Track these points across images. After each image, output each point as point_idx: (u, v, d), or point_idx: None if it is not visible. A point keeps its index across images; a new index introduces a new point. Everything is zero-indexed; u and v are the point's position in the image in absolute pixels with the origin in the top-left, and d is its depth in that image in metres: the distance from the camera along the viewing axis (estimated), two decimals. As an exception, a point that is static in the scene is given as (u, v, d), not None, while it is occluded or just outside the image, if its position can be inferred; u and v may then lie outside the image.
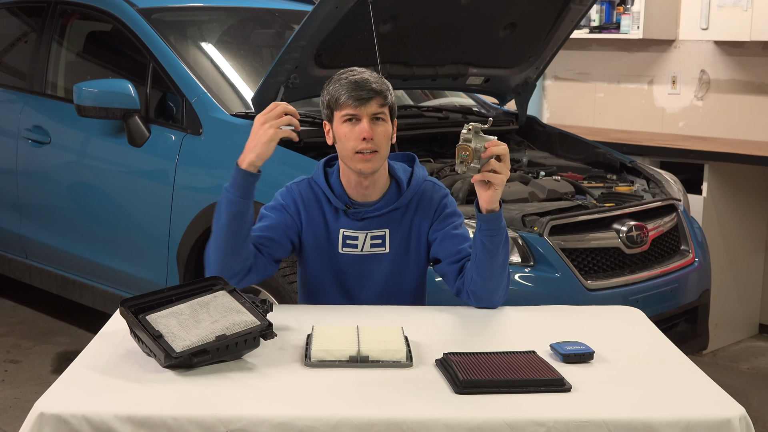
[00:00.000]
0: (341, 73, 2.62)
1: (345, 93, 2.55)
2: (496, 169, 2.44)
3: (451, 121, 4.47)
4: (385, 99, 2.58)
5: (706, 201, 4.96)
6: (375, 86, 2.56)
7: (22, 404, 4.14)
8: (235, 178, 2.52)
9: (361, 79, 2.56)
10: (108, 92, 4.14)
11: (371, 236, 2.67)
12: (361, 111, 2.55)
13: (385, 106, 2.58)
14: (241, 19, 4.84)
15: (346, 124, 2.57)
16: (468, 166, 2.43)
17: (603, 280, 3.57)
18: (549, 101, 6.60)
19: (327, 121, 2.65)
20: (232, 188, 2.52)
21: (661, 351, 2.36)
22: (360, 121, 2.56)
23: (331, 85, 2.60)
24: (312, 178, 2.73)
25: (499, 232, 2.53)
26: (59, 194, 4.67)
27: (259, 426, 1.87)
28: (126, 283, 4.33)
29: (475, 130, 2.44)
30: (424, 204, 2.71)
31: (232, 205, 2.51)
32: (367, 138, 2.54)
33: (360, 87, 2.55)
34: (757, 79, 5.61)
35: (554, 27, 4.33)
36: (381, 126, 2.57)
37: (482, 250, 2.54)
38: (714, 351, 5.07)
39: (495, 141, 2.44)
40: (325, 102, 2.62)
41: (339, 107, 2.57)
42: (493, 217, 2.51)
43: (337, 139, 2.62)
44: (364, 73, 2.60)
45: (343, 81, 2.57)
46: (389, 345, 2.19)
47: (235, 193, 2.52)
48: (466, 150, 2.42)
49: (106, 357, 2.18)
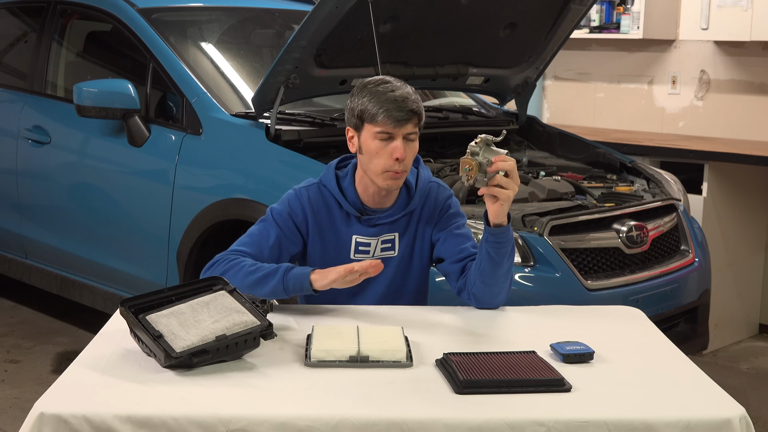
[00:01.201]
0: (378, 84, 2.54)
1: (384, 111, 2.49)
2: (503, 185, 2.40)
3: (451, 121, 4.47)
4: (420, 119, 2.55)
5: (706, 201, 4.96)
6: (414, 107, 2.51)
7: (22, 404, 4.14)
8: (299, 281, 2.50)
9: (401, 96, 2.50)
10: (108, 92, 4.14)
11: (382, 241, 2.67)
12: (397, 131, 2.51)
13: (418, 126, 2.56)
14: (241, 19, 4.84)
15: (378, 141, 2.52)
16: (472, 179, 2.39)
17: (603, 280, 3.57)
18: (549, 101, 6.60)
19: (353, 129, 2.59)
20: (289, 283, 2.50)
21: (661, 351, 2.36)
22: (393, 140, 2.52)
23: (366, 96, 2.53)
24: (322, 182, 2.69)
25: (506, 244, 2.52)
26: (59, 194, 4.67)
27: (259, 426, 1.87)
28: (126, 283, 4.33)
29: (486, 142, 2.40)
30: (429, 205, 2.71)
31: (276, 294, 2.51)
32: (400, 159, 2.51)
33: (400, 107, 2.49)
34: (757, 79, 5.61)
35: (554, 27, 4.33)
36: (411, 146, 2.55)
37: (487, 259, 2.53)
38: (714, 351, 5.07)
39: (503, 156, 2.40)
40: (356, 111, 2.55)
41: (375, 122, 2.51)
42: (500, 231, 2.49)
43: (364, 151, 2.57)
44: (401, 88, 2.53)
45: (381, 96, 2.50)
46: (389, 345, 2.19)
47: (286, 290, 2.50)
48: (470, 164, 2.39)
49: (106, 357, 2.18)
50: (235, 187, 3.82)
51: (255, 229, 2.69)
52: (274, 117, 3.77)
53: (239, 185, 3.80)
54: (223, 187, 3.85)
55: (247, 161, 3.82)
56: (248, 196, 3.71)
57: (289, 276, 2.50)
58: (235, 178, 3.85)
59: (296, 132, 3.82)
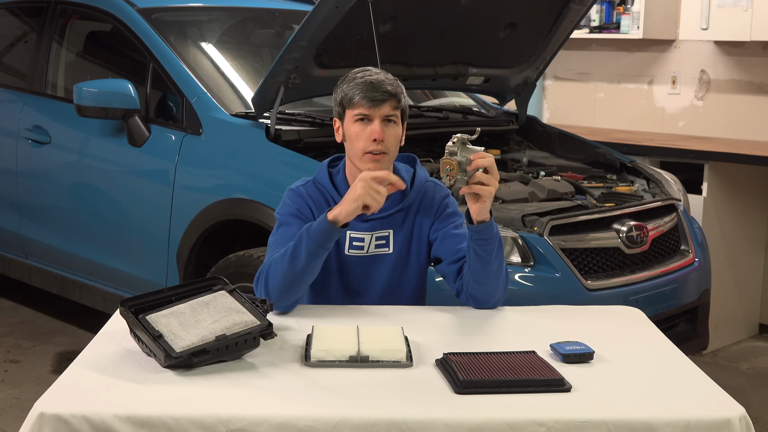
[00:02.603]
0: (356, 72, 2.61)
1: (359, 93, 2.55)
2: (484, 182, 2.43)
3: (451, 121, 4.47)
4: (399, 102, 2.58)
5: (706, 201, 4.96)
6: (390, 88, 2.56)
7: (22, 404, 4.14)
8: (321, 227, 2.48)
9: (377, 80, 2.56)
10: (108, 92, 4.14)
11: (376, 237, 2.68)
12: (374, 112, 2.55)
13: (398, 109, 2.59)
14: (241, 19, 4.84)
15: (357, 124, 2.57)
16: (453, 179, 2.42)
17: (603, 280, 3.57)
18: (549, 101, 6.60)
19: (338, 118, 2.64)
20: (313, 234, 2.48)
21: (661, 351, 2.36)
22: (372, 122, 2.56)
23: (345, 84, 2.60)
24: (315, 179, 2.71)
25: (491, 241, 2.53)
26: (59, 194, 4.67)
27: (259, 426, 1.87)
28: (126, 283, 4.33)
29: (462, 141, 2.43)
30: (425, 204, 2.72)
31: (316, 256, 2.49)
32: (378, 139, 2.54)
33: (375, 88, 2.55)
34: (757, 79, 5.61)
35: (554, 27, 4.33)
36: (392, 128, 2.58)
37: (475, 258, 2.54)
38: (714, 351, 5.07)
39: (481, 153, 2.43)
40: (337, 99, 2.62)
41: (352, 106, 2.57)
42: (483, 228, 2.51)
43: (347, 137, 2.62)
44: (380, 74, 2.60)
45: (359, 80, 2.57)
46: (389, 345, 2.19)
47: (319, 245, 2.48)
48: (450, 164, 2.41)
49: (106, 357, 2.18)
50: (235, 187, 3.82)
51: (274, 238, 2.66)
52: (274, 117, 3.77)
53: (239, 185, 3.80)
54: (223, 187, 3.85)
55: (247, 161, 3.82)
56: (248, 196, 3.71)
57: (311, 232, 2.49)
58: (235, 178, 3.85)
59: (296, 132, 3.83)
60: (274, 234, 2.66)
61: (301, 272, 2.50)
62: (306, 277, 2.53)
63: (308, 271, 2.51)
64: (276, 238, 2.64)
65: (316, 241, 2.48)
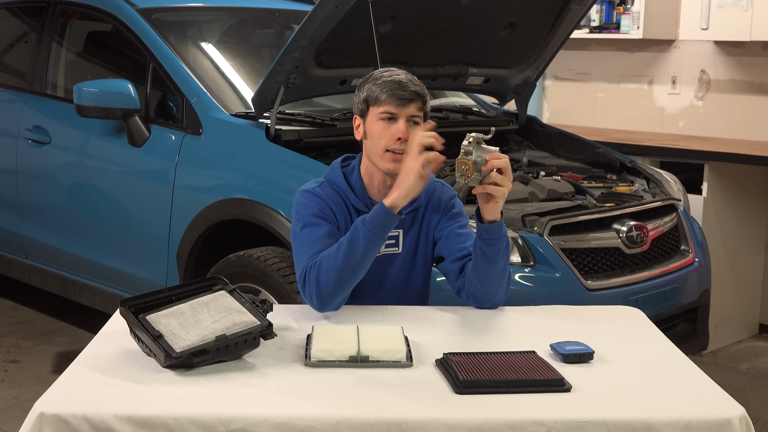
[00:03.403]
0: (383, 71, 2.62)
1: (387, 91, 2.55)
2: (498, 182, 2.43)
3: (451, 121, 4.47)
4: (424, 104, 2.60)
5: (706, 201, 4.96)
6: (417, 89, 2.57)
7: (22, 404, 4.14)
8: (379, 216, 2.47)
9: (405, 79, 2.58)
10: (108, 92, 4.14)
11: (387, 236, 2.68)
12: (400, 111, 2.56)
13: (422, 111, 2.60)
14: (241, 19, 4.84)
15: (381, 122, 2.57)
16: (468, 179, 2.43)
17: (603, 280, 3.57)
18: (549, 101, 6.60)
19: (359, 116, 2.64)
20: (370, 224, 2.46)
21: (661, 351, 2.36)
22: (396, 121, 2.56)
23: (370, 82, 2.60)
24: (329, 179, 2.70)
25: (499, 240, 2.53)
26: (59, 194, 4.67)
27: (259, 426, 1.87)
28: (126, 283, 4.33)
29: (477, 140, 2.43)
30: (433, 204, 2.73)
31: (374, 246, 2.48)
32: (402, 138, 2.54)
33: (403, 87, 2.55)
34: (757, 79, 5.61)
35: (554, 27, 4.33)
36: (416, 129, 2.56)
37: (482, 257, 2.54)
38: (714, 351, 5.07)
39: (496, 153, 2.43)
40: (362, 97, 2.61)
41: (378, 104, 2.57)
42: (494, 227, 2.51)
43: (368, 135, 2.61)
44: (406, 74, 2.61)
45: (386, 78, 2.58)
46: (389, 345, 2.19)
47: (378, 235, 2.47)
48: (466, 164, 2.41)
49: (106, 357, 2.18)
50: (235, 187, 3.81)
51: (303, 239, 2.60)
52: (274, 117, 3.77)
53: (239, 185, 3.80)
54: (223, 187, 3.85)
55: (247, 161, 3.82)
56: (248, 196, 3.71)
57: (368, 222, 2.47)
58: (235, 178, 3.85)
59: (296, 132, 3.82)
60: (300, 234, 2.61)
61: (357, 265, 2.48)
62: (361, 271, 2.51)
63: (364, 263, 2.50)
64: (306, 239, 2.59)
65: (375, 229, 2.46)
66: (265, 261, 3.53)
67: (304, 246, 2.59)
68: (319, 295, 2.50)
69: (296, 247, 2.62)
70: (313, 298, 2.51)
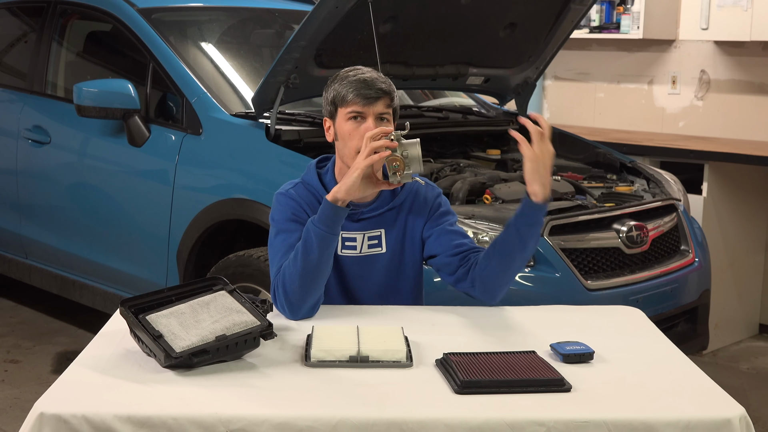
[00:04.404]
0: (348, 70, 2.60)
1: (353, 90, 2.54)
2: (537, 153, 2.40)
3: (451, 121, 4.47)
4: (392, 100, 2.58)
5: (706, 201, 4.96)
6: (383, 86, 2.56)
7: (22, 404, 4.14)
8: (326, 213, 2.47)
9: (370, 78, 2.56)
10: (108, 92, 4.14)
11: (368, 236, 2.67)
12: (368, 110, 2.54)
13: (391, 108, 2.58)
14: (241, 19, 4.84)
15: (350, 122, 2.56)
16: (402, 174, 2.45)
17: (603, 280, 3.57)
18: (549, 101, 6.60)
19: (329, 118, 2.63)
20: (319, 222, 2.46)
21: (661, 351, 2.36)
22: (365, 120, 2.55)
23: (336, 82, 2.59)
24: (304, 180, 2.69)
25: (538, 223, 2.52)
26: (59, 194, 4.67)
27: (259, 426, 1.87)
28: (126, 283, 4.33)
29: (396, 138, 2.45)
30: (417, 203, 2.71)
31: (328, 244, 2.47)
32: None
33: (369, 86, 2.54)
34: (757, 79, 5.61)
35: (554, 27, 4.33)
36: (386, 126, 2.56)
37: (517, 240, 2.51)
38: (714, 351, 5.07)
39: (417, 141, 2.44)
40: (329, 98, 2.60)
41: (345, 104, 2.56)
42: (540, 208, 2.47)
43: (339, 136, 2.60)
44: (372, 72, 2.59)
45: (351, 78, 2.56)
46: (389, 345, 2.19)
47: (328, 231, 2.46)
48: (396, 160, 2.44)
49: (106, 357, 2.18)
50: (235, 187, 3.82)
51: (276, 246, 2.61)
52: (274, 117, 3.77)
53: (239, 185, 3.80)
54: (223, 187, 3.85)
55: (247, 161, 3.82)
56: (248, 196, 3.71)
57: (316, 220, 2.47)
58: (235, 178, 3.85)
59: (296, 132, 3.83)
60: (274, 241, 2.62)
61: (316, 265, 2.47)
62: (322, 271, 2.49)
63: (323, 262, 2.48)
64: (279, 247, 2.60)
65: (323, 225, 2.46)
66: (265, 261, 3.53)
67: (276, 254, 2.60)
68: (288, 302, 2.49)
69: (270, 255, 2.63)
70: (285, 307, 2.50)
